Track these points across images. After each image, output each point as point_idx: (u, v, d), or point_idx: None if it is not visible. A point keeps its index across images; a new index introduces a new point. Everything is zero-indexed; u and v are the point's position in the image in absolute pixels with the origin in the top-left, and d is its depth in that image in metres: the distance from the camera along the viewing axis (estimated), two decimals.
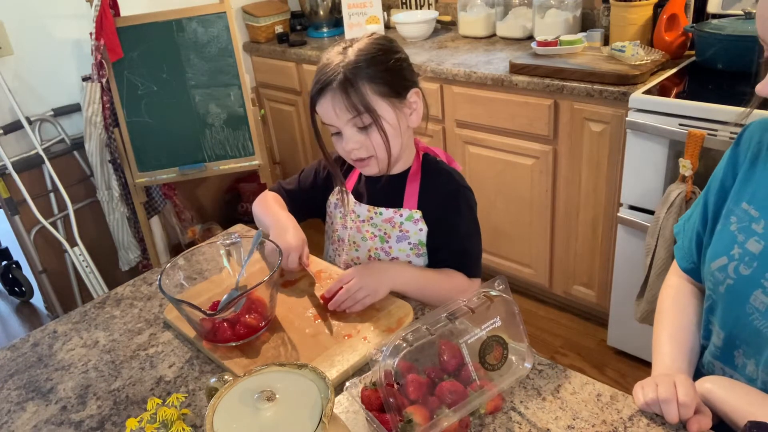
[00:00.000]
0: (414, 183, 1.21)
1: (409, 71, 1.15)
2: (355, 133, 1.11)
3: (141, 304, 1.21)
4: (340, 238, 1.30)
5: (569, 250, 2.16)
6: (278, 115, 3.11)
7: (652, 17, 2.01)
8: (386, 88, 1.10)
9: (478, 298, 0.83)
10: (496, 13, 2.53)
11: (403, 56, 1.15)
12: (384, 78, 1.09)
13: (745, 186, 0.91)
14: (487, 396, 0.80)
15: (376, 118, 1.09)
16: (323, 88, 1.09)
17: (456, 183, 1.21)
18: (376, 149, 1.12)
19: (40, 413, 0.96)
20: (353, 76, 1.07)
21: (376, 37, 1.14)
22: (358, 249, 1.26)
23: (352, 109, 1.08)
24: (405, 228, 1.20)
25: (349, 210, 1.26)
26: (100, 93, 2.27)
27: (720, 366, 0.94)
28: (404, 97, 1.13)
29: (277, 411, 0.67)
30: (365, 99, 1.07)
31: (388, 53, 1.11)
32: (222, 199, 3.13)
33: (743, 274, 0.87)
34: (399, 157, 1.19)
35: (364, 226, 1.24)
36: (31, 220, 2.33)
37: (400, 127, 1.13)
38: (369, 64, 1.08)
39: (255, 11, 2.96)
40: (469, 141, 2.26)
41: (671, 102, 1.67)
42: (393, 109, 1.11)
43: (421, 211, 1.19)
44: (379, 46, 1.12)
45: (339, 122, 1.11)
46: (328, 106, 1.10)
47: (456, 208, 1.20)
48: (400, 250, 1.22)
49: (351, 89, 1.07)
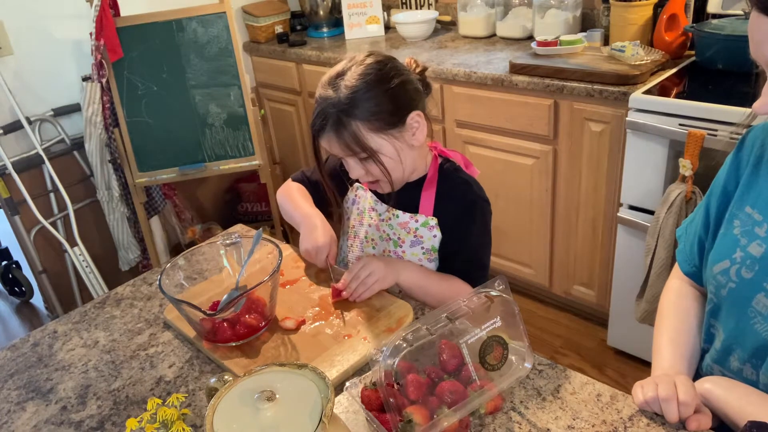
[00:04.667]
0: (430, 189, 1.20)
1: (407, 94, 1.11)
2: (357, 163, 1.12)
3: (141, 304, 1.21)
4: (356, 234, 1.30)
5: (569, 250, 2.16)
6: (278, 115, 3.11)
7: (652, 17, 2.01)
8: (380, 123, 1.07)
9: (478, 298, 0.83)
10: (496, 13, 2.53)
11: (398, 81, 1.08)
12: (377, 113, 1.06)
13: (748, 190, 0.90)
14: (487, 396, 0.80)
15: (372, 153, 1.08)
16: (319, 129, 1.09)
17: (474, 194, 1.20)
18: (378, 177, 1.13)
19: (40, 413, 0.96)
20: (346, 117, 1.06)
21: (368, 64, 1.08)
22: (375, 246, 1.27)
23: (348, 149, 1.08)
24: (420, 234, 1.20)
25: (368, 207, 1.26)
26: (100, 93, 2.27)
27: (720, 369, 0.94)
28: (403, 124, 1.10)
29: (277, 411, 0.67)
30: (359, 139, 1.07)
31: (381, 83, 1.07)
32: (222, 199, 3.13)
33: (745, 278, 0.87)
34: (411, 171, 1.19)
35: (382, 225, 1.24)
36: (31, 220, 2.33)
37: (400, 154, 1.12)
38: (360, 101, 1.05)
39: (255, 11, 2.96)
40: (469, 141, 2.26)
41: (671, 102, 1.67)
42: (390, 140, 1.10)
43: (436, 218, 1.19)
44: (371, 76, 1.07)
45: (339, 154, 1.12)
46: (327, 144, 1.11)
47: (471, 219, 1.20)
48: (412, 254, 1.22)
49: (344, 131, 1.06)
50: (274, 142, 3.23)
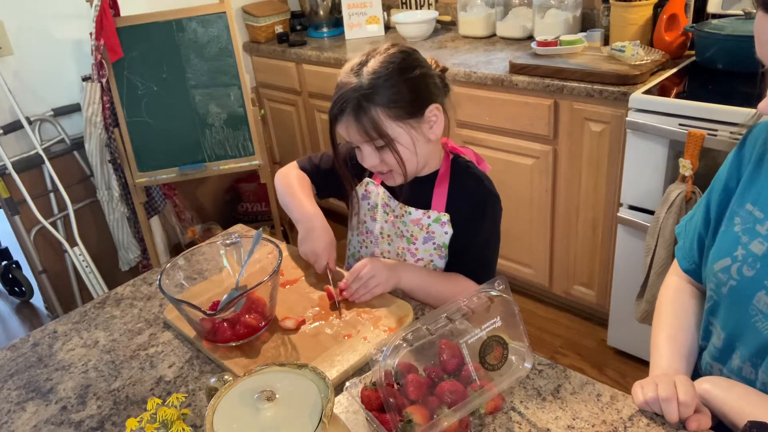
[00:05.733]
0: (442, 185, 1.20)
1: (428, 87, 1.12)
2: (372, 151, 1.12)
3: (141, 304, 1.21)
4: (368, 230, 1.29)
5: (569, 249, 2.16)
6: (278, 115, 3.11)
7: (652, 17, 2.01)
8: (400, 111, 1.08)
9: (478, 298, 0.83)
10: (496, 13, 2.53)
11: (420, 72, 1.10)
12: (397, 101, 1.07)
13: (749, 187, 0.90)
14: (487, 396, 0.80)
15: (390, 141, 1.09)
16: (338, 114, 1.10)
17: (485, 189, 1.21)
18: (392, 167, 1.13)
19: (40, 413, 0.96)
20: (366, 101, 1.06)
21: (392, 53, 1.11)
22: (391, 243, 1.26)
23: (365, 135, 1.08)
24: (432, 230, 1.20)
25: (380, 203, 1.26)
26: (100, 93, 2.27)
27: (719, 367, 0.94)
28: (422, 115, 1.11)
29: (277, 411, 0.67)
30: (378, 125, 1.07)
31: (403, 72, 1.08)
32: (222, 199, 3.13)
33: (746, 276, 0.87)
34: (424, 165, 1.19)
35: (396, 222, 1.24)
36: (31, 220, 2.33)
37: (416, 145, 1.12)
38: (382, 87, 1.06)
39: (255, 11, 2.95)
40: (469, 141, 2.26)
41: (671, 102, 1.67)
42: (408, 130, 1.10)
43: (449, 214, 1.19)
44: (394, 65, 1.09)
45: (355, 141, 1.12)
46: (344, 130, 1.12)
47: (482, 215, 1.20)
48: (425, 251, 1.22)
49: (363, 116, 1.07)
50: (274, 142, 3.23)
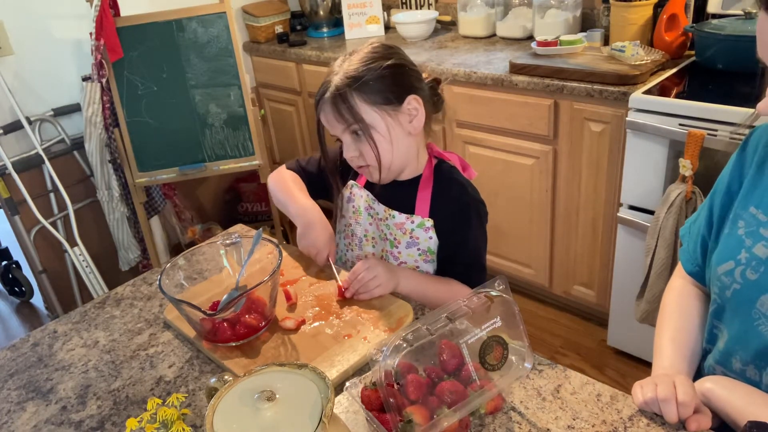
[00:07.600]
0: (426, 190, 1.20)
1: (407, 78, 1.14)
2: (352, 141, 1.14)
3: (141, 304, 1.21)
4: (353, 233, 1.30)
5: (569, 250, 2.16)
6: (278, 115, 3.11)
7: (652, 17, 2.01)
8: (377, 97, 1.10)
9: (478, 298, 0.83)
10: (496, 13, 2.53)
11: (399, 63, 1.14)
12: (375, 87, 1.10)
13: (752, 190, 0.90)
14: (487, 396, 0.80)
15: (365, 127, 1.11)
16: (319, 99, 1.14)
17: (469, 196, 1.21)
18: (366, 158, 1.14)
19: (40, 413, 0.96)
20: (344, 86, 1.10)
21: (374, 45, 1.15)
22: (375, 245, 1.27)
23: (341, 118, 1.11)
24: (415, 235, 1.20)
25: (364, 206, 1.26)
26: (100, 93, 2.27)
27: (722, 370, 0.94)
28: (399, 104, 1.12)
29: (277, 411, 0.67)
30: (353, 109, 1.10)
31: (381, 60, 1.12)
32: (222, 199, 3.13)
33: (750, 279, 0.86)
34: (403, 164, 1.19)
35: (380, 225, 1.24)
36: (31, 220, 2.33)
37: (392, 135, 1.13)
38: (361, 73, 1.10)
39: (255, 11, 2.95)
40: (469, 141, 2.26)
41: (671, 102, 1.67)
42: (385, 117, 1.12)
43: (432, 219, 1.19)
44: (374, 54, 1.13)
45: (336, 131, 1.15)
46: (323, 117, 1.15)
47: (467, 221, 1.20)
48: (408, 256, 1.22)
49: (340, 100, 1.10)
50: (274, 142, 3.23)
